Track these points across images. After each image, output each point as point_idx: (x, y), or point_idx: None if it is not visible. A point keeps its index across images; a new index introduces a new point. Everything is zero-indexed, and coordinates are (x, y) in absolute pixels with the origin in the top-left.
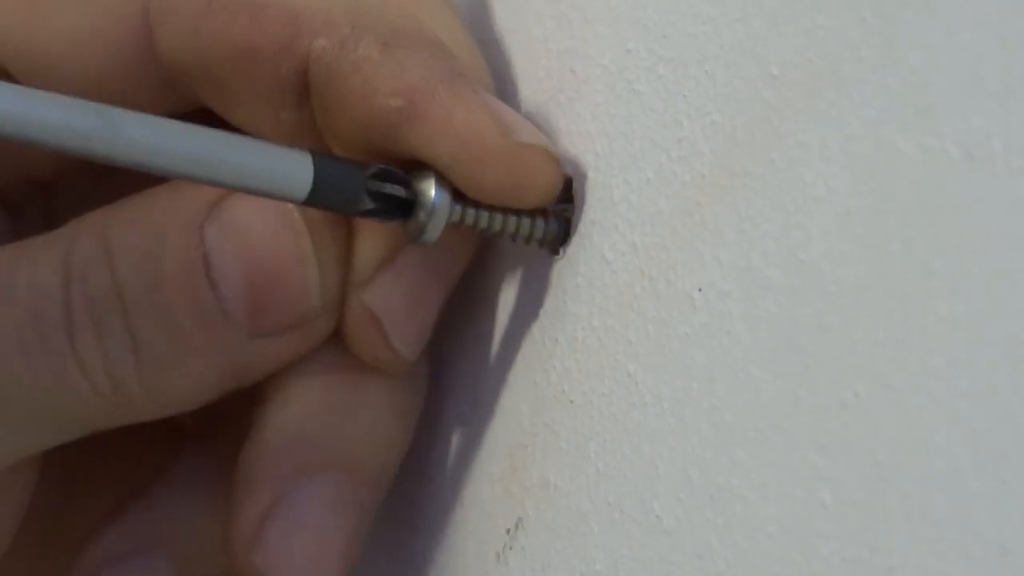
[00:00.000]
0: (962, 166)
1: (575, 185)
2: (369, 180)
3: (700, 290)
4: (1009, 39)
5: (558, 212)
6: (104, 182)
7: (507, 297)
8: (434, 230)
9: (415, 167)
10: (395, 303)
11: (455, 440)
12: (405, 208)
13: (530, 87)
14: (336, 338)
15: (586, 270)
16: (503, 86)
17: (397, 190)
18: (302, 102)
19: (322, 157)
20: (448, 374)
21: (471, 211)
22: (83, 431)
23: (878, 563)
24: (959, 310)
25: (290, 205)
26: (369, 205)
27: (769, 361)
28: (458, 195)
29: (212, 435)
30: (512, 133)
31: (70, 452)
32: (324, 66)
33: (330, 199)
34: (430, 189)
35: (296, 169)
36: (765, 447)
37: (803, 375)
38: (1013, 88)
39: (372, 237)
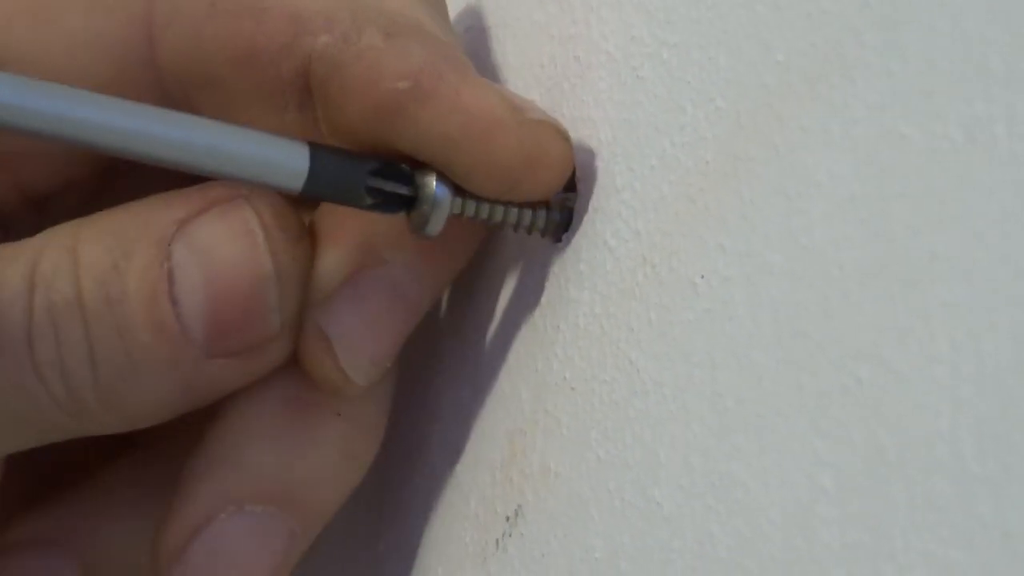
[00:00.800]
0: (965, 151)
1: (578, 172)
2: (370, 176)
3: (703, 276)
4: (1012, 24)
5: (560, 201)
6: (96, 199)
7: (509, 283)
8: (437, 222)
9: (417, 166)
10: (349, 327)
11: (455, 426)
12: (406, 201)
13: (534, 74)
14: (296, 367)
15: (588, 257)
16: (506, 73)
17: (399, 188)
18: (305, 103)
19: (321, 147)
20: (449, 360)
21: (472, 203)
22: (39, 441)
23: (880, 548)
24: (962, 295)
25: (255, 225)
26: (368, 200)
27: (771, 347)
28: (459, 189)
29: (151, 443)
30: (521, 110)
31: None
32: (327, 60)
33: (328, 189)
34: (432, 181)
35: (292, 159)
36: (767, 433)
37: (805, 360)
38: (1016, 73)
39: (336, 256)
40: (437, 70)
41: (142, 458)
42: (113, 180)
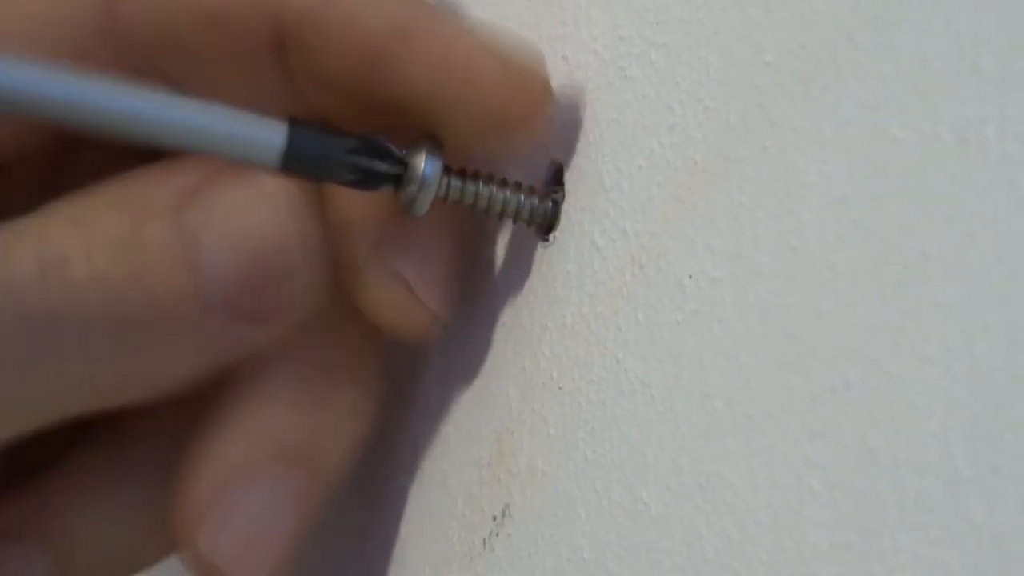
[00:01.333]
0: (956, 152)
1: (566, 171)
2: (351, 155)
3: (691, 277)
4: (1005, 25)
5: (548, 193)
6: (56, 170)
7: (496, 283)
8: (424, 202)
9: (405, 142)
10: (420, 260)
11: (442, 425)
12: (390, 178)
13: None
14: (305, 331)
15: (576, 256)
16: None
17: (378, 165)
18: (280, 60)
19: (300, 123)
20: (436, 359)
21: (458, 183)
22: (56, 417)
23: (869, 550)
24: (953, 296)
25: (276, 188)
26: (349, 176)
27: (760, 348)
28: (450, 168)
29: (117, 427)
30: (499, 41)
31: None
32: (302, 11)
33: (307, 167)
34: (421, 160)
35: (268, 134)
36: (755, 434)
37: (795, 362)
38: (1008, 74)
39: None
40: (415, 10)
41: (111, 443)
42: (75, 151)
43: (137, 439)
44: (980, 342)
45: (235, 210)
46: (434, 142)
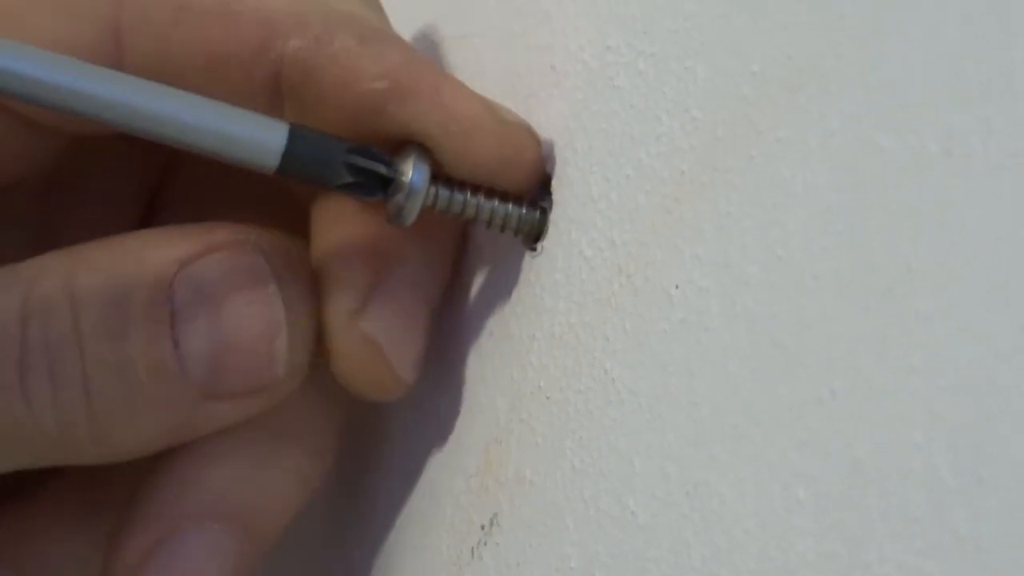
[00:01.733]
0: (941, 162)
1: (554, 181)
2: (348, 154)
3: (678, 286)
4: (989, 36)
5: (535, 204)
6: (47, 200)
7: (484, 292)
8: (411, 211)
9: (395, 150)
10: (395, 328)
11: (431, 435)
12: (384, 184)
13: (509, 82)
14: None
15: (564, 266)
16: (483, 82)
17: (376, 165)
18: (276, 107)
19: (299, 127)
20: (424, 370)
21: (445, 192)
22: (21, 465)
23: (854, 559)
24: (938, 307)
25: (266, 271)
26: (347, 178)
27: (747, 357)
28: (437, 177)
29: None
30: (497, 111)
31: None
32: (300, 64)
33: (305, 168)
34: (409, 169)
35: (269, 135)
36: (742, 443)
37: (781, 371)
38: (993, 85)
39: (357, 260)
40: (414, 70)
41: (82, 474)
42: (78, 175)
43: (105, 473)
44: (964, 353)
45: (218, 288)
46: (421, 150)
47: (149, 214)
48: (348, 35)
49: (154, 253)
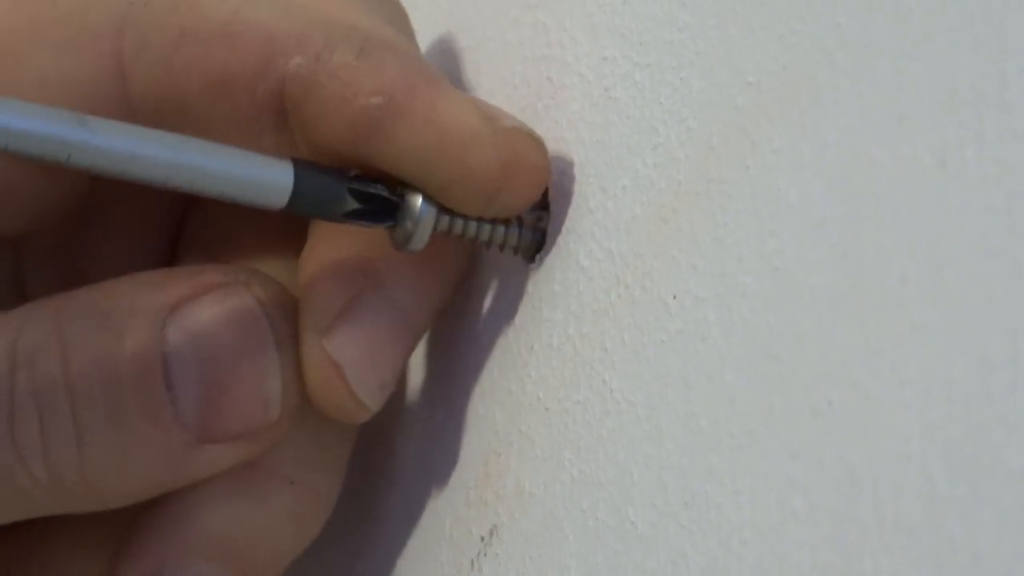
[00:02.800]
0: (935, 174)
1: (551, 193)
2: (352, 180)
3: (675, 297)
4: (982, 48)
5: (533, 220)
6: (74, 239)
7: (483, 304)
8: (421, 237)
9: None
10: (359, 352)
11: (430, 448)
12: (389, 211)
13: (506, 94)
14: None
15: (562, 277)
16: (480, 94)
17: (381, 189)
18: (281, 126)
19: (303, 163)
20: (423, 381)
21: (446, 218)
22: (12, 518)
23: (850, 570)
24: (932, 318)
25: (258, 313)
26: (353, 205)
27: (743, 368)
28: (443, 208)
29: None
30: (496, 120)
31: None
32: (301, 81)
33: (312, 203)
34: (417, 197)
35: (276, 174)
36: (739, 454)
37: (777, 382)
38: (985, 97)
39: (335, 280)
40: (411, 84)
41: None
42: (84, 228)
43: None
44: (958, 364)
45: (210, 332)
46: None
47: (175, 248)
48: (347, 49)
49: (144, 297)
